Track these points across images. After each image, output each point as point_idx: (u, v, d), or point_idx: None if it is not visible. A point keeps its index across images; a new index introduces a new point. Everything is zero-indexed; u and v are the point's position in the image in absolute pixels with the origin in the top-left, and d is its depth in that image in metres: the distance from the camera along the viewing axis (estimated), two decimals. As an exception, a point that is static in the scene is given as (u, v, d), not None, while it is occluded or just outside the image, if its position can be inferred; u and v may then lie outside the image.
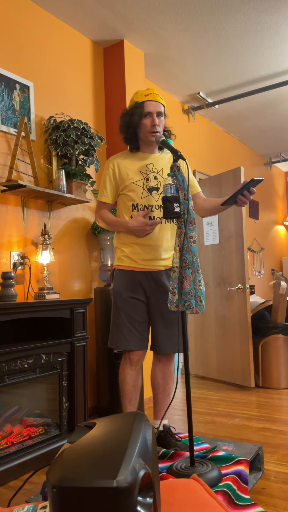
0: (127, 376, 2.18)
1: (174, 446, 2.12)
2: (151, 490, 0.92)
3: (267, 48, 3.57)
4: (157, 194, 2.16)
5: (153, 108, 2.11)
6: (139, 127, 2.14)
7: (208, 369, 4.12)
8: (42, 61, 2.94)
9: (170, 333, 2.17)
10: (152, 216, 2.14)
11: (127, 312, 2.15)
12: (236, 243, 3.81)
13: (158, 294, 2.16)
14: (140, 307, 2.16)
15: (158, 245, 2.15)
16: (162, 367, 2.24)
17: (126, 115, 2.17)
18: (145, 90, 2.15)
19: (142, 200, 2.15)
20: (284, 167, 7.01)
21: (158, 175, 2.18)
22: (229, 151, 5.49)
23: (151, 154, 2.22)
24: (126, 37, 3.35)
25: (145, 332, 2.18)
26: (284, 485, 1.93)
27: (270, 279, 6.39)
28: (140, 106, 2.12)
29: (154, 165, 2.20)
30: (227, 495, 1.69)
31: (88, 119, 3.29)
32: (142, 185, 2.15)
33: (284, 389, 3.67)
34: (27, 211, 2.73)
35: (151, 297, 2.17)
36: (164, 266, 2.18)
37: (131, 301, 2.15)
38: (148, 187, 2.15)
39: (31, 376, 2.31)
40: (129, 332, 2.14)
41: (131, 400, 2.17)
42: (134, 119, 2.12)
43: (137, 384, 2.18)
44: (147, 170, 2.17)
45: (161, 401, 2.25)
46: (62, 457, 0.91)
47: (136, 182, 2.15)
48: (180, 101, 4.50)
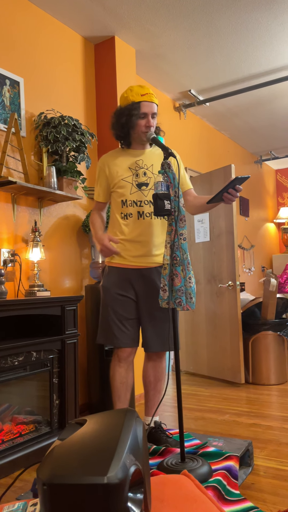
0: (115, 373, 2.18)
1: (165, 442, 2.13)
2: (142, 486, 0.92)
3: (258, 46, 3.59)
4: (146, 189, 2.16)
5: (149, 109, 2.11)
6: (133, 127, 2.14)
7: (199, 365, 4.14)
8: (32, 56, 2.92)
9: (160, 331, 2.17)
10: (141, 212, 2.15)
11: (115, 309, 2.15)
12: (226, 240, 3.82)
13: (148, 291, 2.16)
14: (128, 304, 2.16)
15: (148, 242, 2.15)
16: (153, 365, 2.25)
17: (122, 116, 2.14)
18: (140, 89, 2.12)
19: (131, 196, 2.14)
20: (275, 165, 7.05)
21: (148, 171, 2.18)
22: (220, 149, 5.50)
23: (141, 150, 2.22)
24: (117, 34, 3.34)
25: (134, 329, 2.17)
26: (273, 480, 1.95)
27: (260, 276, 6.43)
28: (137, 107, 2.10)
29: (144, 161, 2.20)
30: (217, 491, 1.70)
31: (79, 115, 3.27)
32: (131, 181, 2.15)
33: (274, 385, 3.71)
34: (18, 208, 2.71)
35: (141, 294, 2.17)
36: (155, 263, 2.18)
37: (119, 298, 2.15)
38: (137, 182, 2.15)
39: (21, 374, 2.30)
40: (117, 329, 2.14)
41: (120, 397, 2.17)
42: (131, 121, 2.11)
43: (126, 381, 2.18)
44: (136, 166, 2.17)
45: (152, 398, 2.26)
46: (52, 454, 0.91)
47: (125, 178, 2.16)
48: (171, 98, 4.50)
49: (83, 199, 3.23)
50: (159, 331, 2.17)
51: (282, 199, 7.22)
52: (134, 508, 0.88)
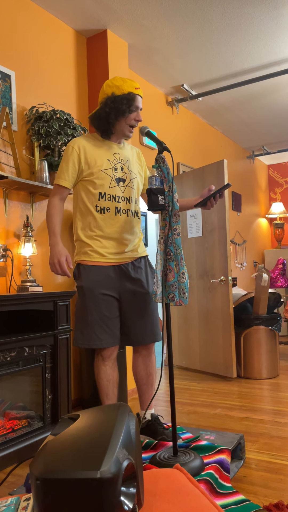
0: (100, 372, 2.17)
1: (162, 434, 2.14)
2: (135, 480, 0.92)
3: (250, 41, 3.58)
4: (123, 185, 2.15)
5: (140, 104, 2.13)
6: (124, 117, 2.11)
7: (191, 360, 4.16)
8: (24, 50, 2.89)
9: (146, 323, 2.17)
10: (119, 208, 2.13)
11: (99, 309, 2.10)
12: (219, 235, 3.83)
13: (129, 286, 2.16)
14: (111, 303, 2.13)
15: (125, 238, 2.15)
16: (143, 359, 2.24)
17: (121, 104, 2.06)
18: (132, 82, 2.12)
19: (110, 190, 2.11)
20: (267, 160, 7.07)
21: (124, 166, 2.17)
22: (213, 144, 5.50)
23: (117, 144, 2.21)
24: (109, 27, 3.31)
25: (115, 328, 2.15)
26: (264, 473, 1.97)
27: (252, 271, 6.46)
28: (134, 98, 2.10)
29: (121, 156, 2.18)
30: (209, 484, 1.72)
31: (71, 109, 3.25)
32: (110, 174, 2.12)
33: (266, 379, 3.74)
34: (9, 203, 2.69)
35: (122, 290, 2.16)
36: (130, 257, 2.19)
37: (103, 298, 2.11)
38: (116, 177, 2.13)
39: (14, 369, 2.29)
40: (101, 330, 2.10)
41: (108, 395, 2.17)
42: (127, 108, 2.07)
43: (112, 378, 2.18)
44: (114, 160, 2.15)
45: (145, 392, 2.26)
46: (45, 449, 0.91)
47: (105, 170, 2.11)
48: (164, 93, 4.48)
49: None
50: (144, 324, 2.17)
51: (274, 194, 7.25)
52: (127, 502, 0.88)
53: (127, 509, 0.87)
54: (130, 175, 2.18)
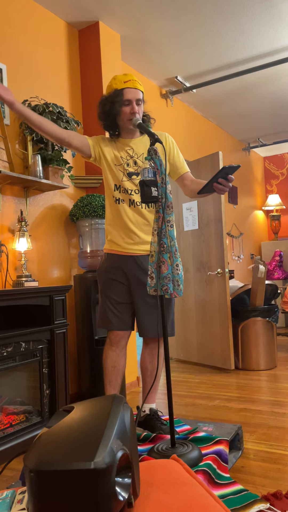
0: (107, 357, 2.21)
1: (159, 429, 2.14)
2: (130, 471, 0.92)
3: (244, 31, 3.55)
4: (137, 179, 2.16)
5: (132, 96, 2.10)
6: (118, 115, 2.13)
7: (189, 353, 4.17)
8: (15, 43, 2.86)
9: (155, 317, 2.18)
10: (132, 200, 2.14)
11: (106, 292, 2.20)
12: (215, 228, 3.83)
13: (142, 278, 2.16)
14: (118, 287, 2.18)
15: (139, 230, 2.16)
16: (149, 351, 2.25)
17: (106, 104, 2.13)
18: (123, 76, 2.11)
19: (123, 183, 2.16)
20: (263, 152, 7.05)
21: (138, 160, 2.18)
22: (208, 136, 5.48)
23: (131, 139, 2.20)
24: (101, 19, 3.28)
25: (126, 314, 2.19)
26: (262, 463, 1.98)
27: (249, 263, 6.46)
28: (119, 94, 2.09)
29: (134, 150, 2.19)
30: (207, 474, 1.72)
31: (64, 103, 3.22)
32: (122, 170, 2.16)
33: (263, 370, 3.75)
34: (3, 198, 2.68)
35: (133, 281, 2.17)
36: (144, 250, 2.19)
37: (110, 282, 2.19)
38: (127, 172, 2.16)
39: (10, 364, 2.29)
40: (110, 312, 2.18)
41: (111, 381, 2.19)
42: (115, 108, 2.10)
43: (118, 365, 2.20)
44: (127, 156, 2.17)
45: (148, 385, 2.26)
46: (39, 442, 0.90)
47: (117, 165, 2.17)
48: (158, 85, 4.45)
49: (70, 188, 3.20)
50: (153, 317, 2.18)
51: (270, 186, 7.24)
52: (122, 492, 0.88)
53: (122, 499, 0.87)
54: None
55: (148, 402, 2.25)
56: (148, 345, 2.26)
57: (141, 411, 2.23)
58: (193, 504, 1.05)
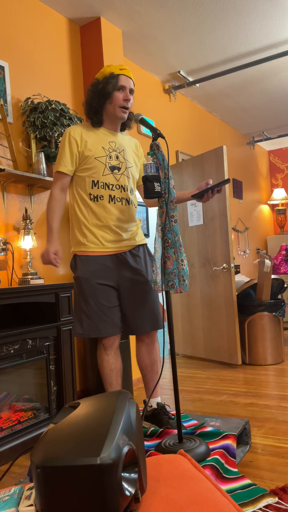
0: (103, 361, 2.16)
1: (167, 424, 2.14)
2: (136, 466, 0.92)
3: (246, 24, 3.52)
4: (118, 173, 2.12)
5: (128, 84, 2.09)
6: (110, 99, 2.09)
7: (196, 348, 4.16)
8: (17, 40, 2.85)
9: (146, 311, 2.17)
10: (113, 195, 2.11)
11: (97, 299, 2.09)
12: (220, 223, 3.81)
13: (127, 275, 2.14)
14: (109, 292, 2.12)
15: (120, 226, 2.14)
16: (146, 348, 2.24)
17: (99, 84, 2.08)
18: (119, 65, 2.11)
19: (104, 178, 2.09)
20: (267, 146, 7.00)
21: (120, 155, 2.15)
22: (212, 131, 5.45)
23: (113, 132, 2.18)
24: (102, 14, 3.26)
25: (115, 317, 2.14)
26: (271, 457, 1.97)
27: (255, 258, 6.43)
28: (115, 77, 2.07)
29: (116, 144, 2.16)
30: (215, 469, 1.72)
31: (67, 99, 3.22)
32: (104, 162, 2.10)
33: (270, 365, 3.74)
34: (7, 196, 2.68)
35: (121, 279, 2.15)
36: (128, 246, 2.18)
37: (100, 287, 2.10)
38: (110, 165, 2.11)
39: (18, 362, 2.30)
40: (100, 319, 2.09)
41: (112, 384, 2.17)
42: (108, 88, 2.06)
43: (115, 367, 2.17)
44: (109, 148, 2.13)
45: (151, 380, 2.26)
46: (45, 438, 0.91)
47: (98, 158, 2.09)
48: (161, 80, 4.43)
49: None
50: (145, 312, 2.16)
51: (275, 180, 7.19)
52: (128, 487, 0.88)
53: (129, 494, 0.87)
54: (125, 164, 2.16)
55: (154, 396, 2.25)
56: (143, 341, 2.23)
57: (148, 406, 2.24)
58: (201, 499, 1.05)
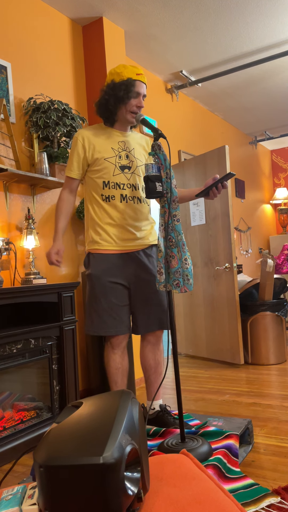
0: (110, 360, 2.17)
1: (173, 424, 2.14)
2: (139, 465, 0.92)
3: (249, 23, 3.52)
4: (128, 172, 2.13)
5: (142, 90, 2.11)
6: (125, 105, 2.10)
7: (198, 348, 4.16)
8: (19, 40, 2.86)
9: (155, 310, 2.17)
10: (124, 195, 2.12)
11: (107, 297, 2.10)
12: (222, 222, 3.81)
13: (140, 273, 2.15)
14: (120, 291, 2.12)
15: (132, 225, 2.14)
16: (152, 348, 2.24)
17: (119, 90, 2.07)
18: (135, 68, 2.10)
19: (114, 178, 2.10)
20: (270, 145, 6.99)
21: (130, 154, 2.16)
22: (214, 130, 5.44)
23: (123, 132, 2.19)
24: (105, 14, 3.27)
25: (125, 316, 2.15)
26: (273, 457, 1.97)
27: (257, 258, 6.43)
28: (133, 84, 2.08)
29: (126, 144, 2.17)
30: (218, 469, 1.72)
31: (69, 99, 3.22)
32: (114, 162, 2.11)
33: (273, 364, 3.73)
34: (10, 196, 2.69)
35: (133, 278, 2.15)
36: (141, 245, 2.18)
37: (111, 286, 2.10)
38: (120, 164, 2.12)
39: (20, 361, 2.31)
40: (110, 317, 2.10)
41: (117, 382, 2.17)
42: (125, 95, 2.06)
43: (121, 366, 2.18)
44: (119, 148, 2.14)
45: (154, 381, 2.25)
46: (48, 437, 0.91)
47: (108, 158, 2.11)
48: (163, 80, 4.43)
49: (77, 185, 3.20)
50: (155, 312, 2.17)
51: (278, 179, 7.18)
52: (131, 487, 0.88)
53: (132, 494, 0.87)
54: (135, 163, 2.17)
55: (156, 398, 2.25)
56: (149, 342, 2.23)
57: (151, 408, 2.23)
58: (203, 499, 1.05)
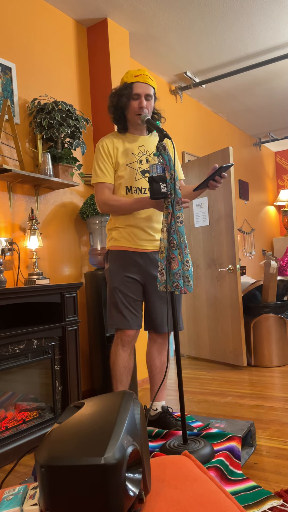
0: (118, 358, 2.18)
1: (175, 425, 2.14)
2: (140, 467, 0.92)
3: (253, 24, 3.51)
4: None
5: (142, 90, 2.10)
6: (127, 109, 2.13)
7: (201, 349, 4.15)
8: (24, 41, 2.87)
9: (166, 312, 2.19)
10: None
11: (123, 291, 2.15)
12: (226, 224, 3.80)
13: (155, 274, 2.17)
14: (135, 285, 2.17)
15: (152, 227, 2.17)
16: (158, 348, 2.25)
17: (114, 96, 2.15)
18: (135, 71, 2.12)
19: (136, 183, 2.14)
20: (274, 147, 6.98)
21: (150, 158, 2.19)
22: (218, 132, 5.44)
23: (140, 136, 2.21)
24: (109, 16, 3.27)
25: (139, 311, 2.20)
26: (276, 459, 1.96)
27: (261, 259, 6.41)
28: (128, 87, 2.09)
29: (146, 147, 2.19)
30: (220, 471, 1.72)
31: (73, 100, 3.23)
32: (135, 168, 2.15)
33: (276, 367, 3.72)
34: (14, 196, 2.69)
35: (148, 276, 2.18)
36: (157, 246, 2.21)
37: (127, 280, 2.15)
38: (141, 169, 2.15)
39: (23, 361, 2.31)
40: (127, 310, 2.14)
41: (122, 381, 2.18)
42: (122, 100, 2.11)
43: (128, 365, 2.19)
44: (139, 153, 2.17)
45: (158, 382, 2.25)
46: (50, 437, 0.91)
47: (129, 164, 2.15)
48: (167, 81, 4.43)
49: (80, 185, 3.20)
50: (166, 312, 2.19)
51: (282, 181, 7.17)
52: (133, 488, 0.88)
53: (133, 495, 0.87)
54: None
55: (159, 399, 2.25)
56: (156, 341, 2.26)
57: (153, 409, 2.23)
58: (205, 500, 1.04)
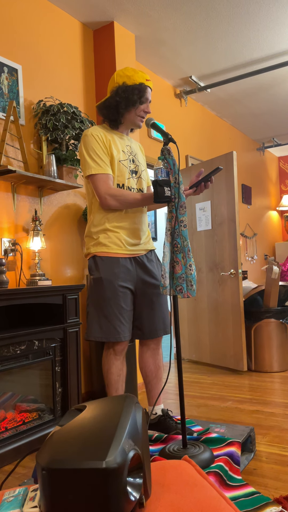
0: (112, 367, 2.12)
1: (175, 429, 2.13)
2: (141, 471, 0.92)
3: (259, 30, 3.52)
4: (135, 177, 2.16)
5: (150, 96, 2.15)
6: (134, 107, 2.10)
7: (201, 353, 4.15)
8: (30, 43, 2.88)
9: (157, 316, 2.17)
10: None
11: (118, 302, 2.05)
12: (228, 228, 3.80)
13: (143, 278, 2.15)
14: (128, 296, 2.11)
15: (140, 229, 2.16)
16: (152, 353, 2.23)
17: (133, 93, 2.05)
18: (144, 74, 2.11)
19: (127, 182, 2.11)
20: (277, 152, 6.98)
21: (135, 159, 2.19)
22: (222, 136, 5.45)
23: (126, 136, 2.21)
24: (116, 19, 3.28)
25: (130, 321, 2.13)
26: (275, 465, 1.96)
27: (263, 264, 6.41)
28: (144, 89, 2.09)
29: (131, 148, 2.19)
30: (219, 476, 1.71)
31: (78, 103, 3.24)
32: (127, 166, 2.12)
33: (276, 372, 3.71)
34: (18, 197, 2.70)
35: (139, 282, 2.15)
36: (145, 249, 2.19)
37: (121, 290, 2.07)
38: (130, 168, 2.14)
39: (24, 362, 2.31)
40: (119, 323, 2.06)
41: (117, 390, 2.14)
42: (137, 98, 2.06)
43: (122, 373, 2.15)
44: (127, 152, 2.15)
45: (155, 386, 2.24)
46: (51, 440, 0.91)
47: (122, 161, 2.11)
48: (172, 85, 4.44)
49: (84, 188, 3.21)
50: (158, 317, 2.17)
51: (285, 186, 7.17)
52: (133, 492, 0.88)
53: (133, 499, 0.87)
54: (140, 167, 2.20)
55: (158, 403, 2.24)
56: (149, 346, 2.22)
57: (152, 413, 2.22)
58: (205, 506, 1.04)
